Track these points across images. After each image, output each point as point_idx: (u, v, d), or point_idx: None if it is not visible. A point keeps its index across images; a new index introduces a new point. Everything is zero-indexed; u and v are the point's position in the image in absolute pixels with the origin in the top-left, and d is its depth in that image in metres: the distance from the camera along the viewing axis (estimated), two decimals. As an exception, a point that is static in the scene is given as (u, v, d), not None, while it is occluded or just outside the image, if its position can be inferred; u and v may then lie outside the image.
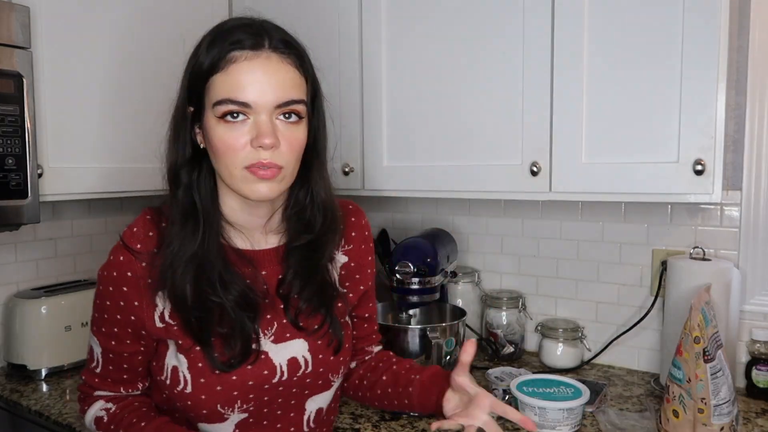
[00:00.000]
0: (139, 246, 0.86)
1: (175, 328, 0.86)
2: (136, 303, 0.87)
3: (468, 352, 0.88)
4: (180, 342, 0.87)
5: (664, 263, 1.42)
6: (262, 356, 0.88)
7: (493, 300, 1.64)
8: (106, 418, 0.93)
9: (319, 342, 0.93)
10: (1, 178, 1.19)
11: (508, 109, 1.29)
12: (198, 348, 0.86)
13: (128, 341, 0.90)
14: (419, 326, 1.27)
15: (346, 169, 1.51)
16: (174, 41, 1.56)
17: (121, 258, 0.86)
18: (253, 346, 0.87)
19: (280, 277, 0.92)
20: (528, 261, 1.68)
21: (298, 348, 0.91)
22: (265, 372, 0.89)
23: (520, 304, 1.64)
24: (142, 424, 0.90)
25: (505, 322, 1.62)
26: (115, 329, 0.89)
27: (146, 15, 1.49)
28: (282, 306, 0.91)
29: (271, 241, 0.93)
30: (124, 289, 0.86)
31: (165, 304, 0.86)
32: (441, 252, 1.37)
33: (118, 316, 0.88)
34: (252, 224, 0.91)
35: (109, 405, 0.94)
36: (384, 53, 1.45)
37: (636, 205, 1.50)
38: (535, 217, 1.66)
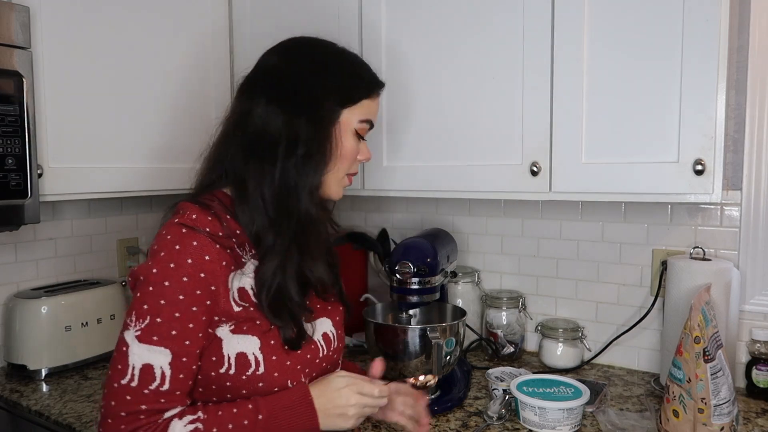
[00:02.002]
0: (208, 229, 0.86)
1: (252, 309, 0.88)
2: (213, 288, 0.84)
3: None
4: (258, 322, 0.88)
5: (664, 263, 1.42)
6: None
7: (493, 300, 1.64)
8: (203, 427, 0.82)
9: (337, 318, 1.04)
10: (1, 178, 1.19)
11: (508, 109, 1.29)
12: (273, 327, 0.89)
13: (200, 334, 0.84)
14: (419, 326, 1.27)
15: (346, 169, 1.51)
16: (172, 39, 1.56)
17: (195, 243, 0.83)
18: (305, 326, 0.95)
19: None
20: (528, 261, 1.68)
21: (325, 325, 1.01)
22: (312, 346, 0.96)
23: (520, 304, 1.64)
24: (249, 406, 0.84)
25: (505, 322, 1.62)
26: (191, 325, 0.83)
27: (145, 13, 1.49)
28: (311, 291, 1.00)
29: None
30: (201, 275, 0.83)
31: (234, 287, 0.88)
32: (441, 252, 1.37)
33: (194, 308, 0.83)
34: None
35: (192, 416, 0.82)
36: (383, 53, 1.45)
37: (636, 205, 1.50)
38: (535, 217, 1.66)
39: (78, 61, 1.35)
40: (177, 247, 0.83)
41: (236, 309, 0.87)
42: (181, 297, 0.82)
